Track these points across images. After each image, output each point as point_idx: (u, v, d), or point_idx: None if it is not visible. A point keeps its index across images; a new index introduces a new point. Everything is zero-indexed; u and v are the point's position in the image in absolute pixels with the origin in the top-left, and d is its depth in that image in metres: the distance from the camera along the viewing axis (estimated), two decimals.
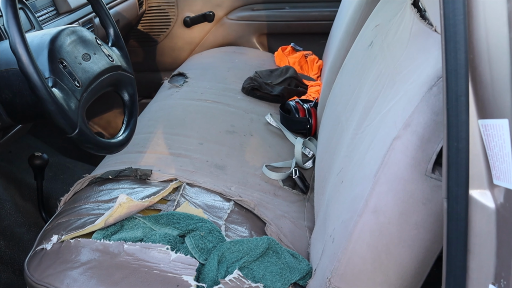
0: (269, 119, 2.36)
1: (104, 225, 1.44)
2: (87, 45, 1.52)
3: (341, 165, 1.46)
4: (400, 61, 1.29)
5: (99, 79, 1.50)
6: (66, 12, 2.27)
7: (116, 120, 3.25)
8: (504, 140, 0.84)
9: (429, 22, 1.22)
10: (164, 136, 2.09)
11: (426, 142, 1.08)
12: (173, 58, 3.51)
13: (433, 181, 1.10)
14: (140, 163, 1.87)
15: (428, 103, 1.08)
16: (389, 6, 1.73)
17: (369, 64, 1.57)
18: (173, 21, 3.45)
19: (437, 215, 1.12)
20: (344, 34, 2.36)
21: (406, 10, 1.42)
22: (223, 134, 2.17)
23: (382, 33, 1.59)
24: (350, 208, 1.24)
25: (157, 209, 1.59)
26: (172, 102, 2.46)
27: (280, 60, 3.14)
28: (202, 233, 1.44)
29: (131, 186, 1.70)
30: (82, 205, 1.62)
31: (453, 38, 0.87)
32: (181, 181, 1.74)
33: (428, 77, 1.09)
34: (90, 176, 1.78)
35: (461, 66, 0.86)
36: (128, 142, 1.58)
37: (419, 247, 1.15)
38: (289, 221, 1.72)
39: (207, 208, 1.63)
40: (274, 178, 1.94)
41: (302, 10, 3.41)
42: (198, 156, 1.97)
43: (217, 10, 3.45)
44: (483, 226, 0.91)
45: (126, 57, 1.69)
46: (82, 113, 1.39)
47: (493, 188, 0.89)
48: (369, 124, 1.34)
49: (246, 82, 2.67)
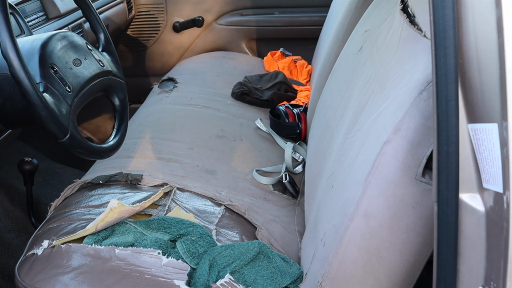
0: (259, 124, 2.36)
1: (95, 230, 1.44)
2: (77, 50, 1.52)
3: (332, 170, 1.46)
4: (390, 66, 1.30)
5: (90, 84, 1.50)
6: (55, 17, 2.27)
7: (105, 125, 3.25)
8: (493, 144, 0.85)
9: (419, 27, 1.23)
10: (154, 141, 2.09)
11: (416, 147, 1.09)
12: (163, 63, 3.51)
13: (423, 185, 1.11)
14: (131, 168, 1.87)
15: (418, 108, 1.08)
16: (378, 11, 1.74)
17: (359, 69, 1.58)
18: (163, 26, 3.46)
19: (427, 218, 1.13)
20: (333, 39, 2.37)
21: (396, 15, 1.43)
22: (213, 139, 2.17)
23: (371, 38, 1.61)
24: (341, 212, 1.25)
25: (148, 214, 1.59)
26: (162, 107, 2.46)
27: (269, 65, 3.15)
28: (193, 237, 1.45)
29: (121, 191, 1.70)
30: (72, 210, 1.62)
31: (443, 43, 0.87)
32: (172, 186, 1.74)
33: (418, 82, 1.10)
34: (81, 181, 1.78)
35: (451, 71, 0.87)
36: (119, 147, 1.58)
37: (409, 251, 1.16)
38: (280, 226, 1.72)
39: (198, 212, 1.63)
40: (264, 182, 1.94)
41: (291, 15, 3.42)
42: (189, 161, 1.98)
43: (207, 15, 3.45)
44: (473, 229, 0.92)
45: (117, 62, 1.69)
46: (73, 118, 1.39)
47: (483, 192, 0.90)
48: (359, 128, 1.35)
49: (235, 87, 2.67)
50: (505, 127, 0.81)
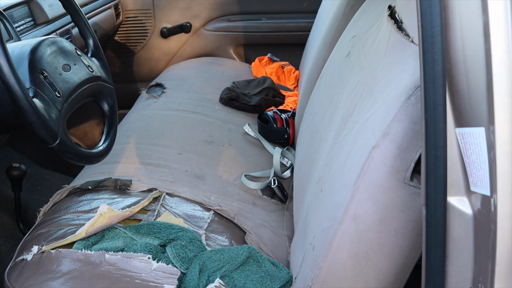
0: (247, 129, 2.37)
1: (85, 235, 1.44)
2: (67, 55, 1.52)
3: (320, 174, 1.47)
4: (378, 71, 1.31)
5: (79, 90, 1.50)
6: (43, 23, 2.27)
7: (93, 131, 3.24)
8: (480, 147, 0.86)
9: (406, 33, 1.25)
10: (143, 147, 2.09)
11: (404, 151, 1.10)
12: (150, 69, 3.52)
13: (411, 188, 1.12)
14: (120, 174, 1.87)
15: (406, 112, 1.10)
16: (365, 17, 1.75)
17: (347, 74, 1.59)
18: (150, 32, 3.46)
19: (415, 222, 1.14)
20: (321, 45, 2.38)
21: (383, 21, 1.44)
22: (202, 144, 2.18)
23: (359, 44, 1.62)
24: (330, 216, 1.25)
25: (137, 219, 1.59)
26: (150, 112, 2.46)
27: (257, 70, 3.16)
28: (183, 242, 1.45)
29: (111, 196, 1.70)
30: (62, 216, 1.62)
31: (431, 49, 0.89)
32: (161, 191, 1.74)
33: (406, 87, 1.11)
34: (70, 187, 1.78)
35: (439, 76, 0.89)
36: (109, 152, 1.58)
37: (398, 254, 1.17)
38: (269, 230, 1.73)
39: (187, 217, 1.64)
40: (253, 187, 1.95)
41: (278, 21, 3.44)
42: (177, 166, 1.98)
43: (194, 21, 3.46)
44: (461, 232, 0.93)
45: (106, 68, 1.69)
46: (63, 123, 1.39)
47: (471, 195, 0.92)
48: (347, 133, 1.36)
49: (223, 93, 2.68)
50: (492, 131, 0.83)
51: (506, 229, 0.84)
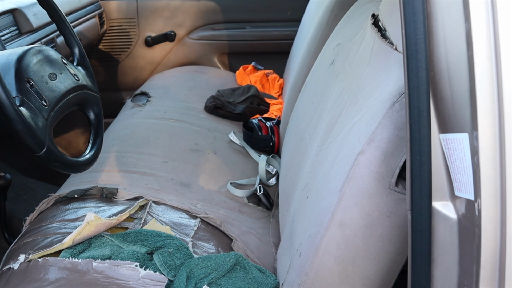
0: (232, 137, 2.38)
1: (72, 244, 1.44)
2: (53, 64, 1.53)
3: (306, 181, 1.48)
4: (362, 79, 1.33)
5: (65, 98, 1.50)
6: (28, 32, 2.27)
7: (77, 140, 3.23)
8: (464, 153, 0.88)
9: (390, 41, 1.26)
10: (129, 155, 2.10)
11: (389, 157, 1.12)
12: (135, 78, 3.52)
13: (397, 194, 1.13)
14: (106, 182, 1.87)
15: (391, 119, 1.11)
16: (349, 25, 1.77)
17: (331, 82, 1.60)
18: (135, 40, 3.46)
19: (401, 227, 1.15)
20: (305, 53, 2.40)
21: (367, 29, 1.46)
22: (187, 153, 2.18)
23: (343, 52, 1.63)
24: (316, 222, 1.26)
25: (124, 227, 1.59)
26: (136, 121, 2.47)
27: (241, 79, 3.17)
28: (170, 250, 1.45)
29: (97, 204, 1.70)
30: (48, 225, 1.61)
31: (415, 56, 0.90)
32: (147, 199, 1.74)
33: (390, 94, 1.13)
34: (56, 195, 1.77)
35: (423, 83, 0.90)
36: (95, 160, 1.59)
37: (384, 259, 1.18)
38: (255, 237, 1.74)
39: (173, 225, 1.64)
40: (239, 195, 1.96)
41: (262, 29, 3.46)
42: (163, 174, 1.98)
43: (178, 29, 3.47)
44: (446, 236, 0.95)
45: (91, 76, 1.69)
46: (49, 132, 1.40)
47: (455, 200, 0.93)
48: (333, 140, 1.37)
49: (208, 101, 2.69)
50: (476, 137, 0.84)
51: (490, 233, 0.85)
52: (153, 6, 3.43)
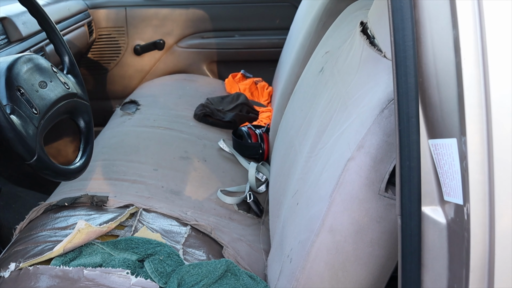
0: (222, 145, 2.39)
1: (63, 251, 1.44)
2: (43, 72, 1.53)
3: (296, 187, 1.49)
4: (351, 86, 1.34)
5: (56, 106, 1.51)
6: (17, 41, 2.27)
7: (66, 149, 3.23)
8: (453, 158, 0.89)
9: (379, 48, 1.28)
10: (119, 163, 2.10)
11: (379, 163, 1.13)
12: (124, 86, 3.52)
13: (386, 199, 1.14)
14: (96, 190, 1.87)
15: (380, 125, 1.12)
16: (338, 33, 1.79)
17: (321, 89, 1.61)
18: (124, 49, 3.47)
19: (391, 232, 1.16)
20: (294, 61, 2.41)
21: (356, 37, 1.47)
22: (177, 160, 2.19)
23: (332, 59, 1.65)
24: (306, 228, 1.27)
25: (115, 235, 1.59)
26: (125, 129, 2.47)
27: (230, 87, 3.18)
28: (161, 257, 1.46)
29: (87, 212, 1.70)
30: (38, 233, 1.61)
31: (403, 63, 0.91)
32: (138, 206, 1.74)
33: (379, 100, 1.14)
34: (46, 204, 1.77)
35: (412, 89, 0.91)
36: (85, 168, 1.59)
37: (374, 264, 1.19)
38: (246, 244, 1.74)
39: (164, 233, 1.64)
40: (229, 202, 1.96)
41: (251, 38, 3.47)
42: (153, 182, 1.99)
43: (167, 38, 3.48)
44: (436, 240, 0.96)
45: (81, 85, 1.70)
46: (40, 140, 1.40)
47: (444, 204, 0.94)
48: (322, 147, 1.38)
49: (198, 109, 2.70)
50: (464, 142, 0.85)
51: (479, 237, 0.86)
52: (142, 14, 3.44)
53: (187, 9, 3.46)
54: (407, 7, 0.91)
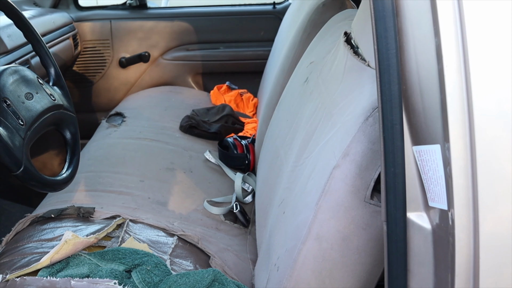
0: (208, 156, 2.39)
1: (50, 263, 1.44)
2: (29, 84, 1.53)
3: (282, 197, 1.50)
4: (336, 95, 1.35)
5: (42, 118, 1.51)
6: (2, 53, 2.26)
7: (52, 162, 3.22)
8: (437, 164, 0.90)
9: (362, 57, 1.29)
10: (105, 175, 2.10)
11: (364, 170, 1.14)
12: (109, 99, 3.52)
13: (372, 207, 1.15)
14: (82, 202, 1.87)
15: (365, 133, 1.13)
16: (322, 44, 1.80)
17: (306, 99, 1.63)
18: (109, 61, 3.47)
19: (377, 239, 1.17)
20: (279, 72, 2.43)
21: (340, 47, 1.49)
22: (163, 171, 2.19)
23: (317, 69, 1.66)
24: (293, 236, 1.28)
25: (102, 246, 1.59)
26: (111, 141, 2.47)
27: (216, 98, 3.19)
28: (148, 267, 1.46)
29: (74, 224, 1.70)
30: (25, 245, 1.61)
31: (387, 70, 0.93)
32: (124, 217, 1.74)
33: (364, 108, 1.15)
34: (32, 216, 1.77)
35: (395, 97, 0.93)
36: (72, 179, 1.59)
37: (360, 271, 1.20)
38: (233, 254, 1.74)
39: (151, 243, 1.64)
40: (216, 212, 1.97)
41: (236, 49, 3.49)
42: (140, 193, 1.99)
43: (152, 50, 3.49)
44: (421, 246, 0.97)
45: (67, 96, 1.70)
46: (26, 151, 1.40)
47: (429, 210, 0.95)
48: (308, 156, 1.39)
49: (183, 121, 2.70)
50: (447, 148, 0.87)
51: (463, 241, 0.88)
52: (127, 27, 3.45)
53: (172, 21, 3.48)
54: (390, 16, 0.92)
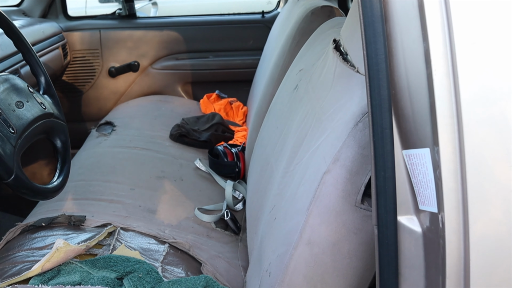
0: (198, 164, 2.40)
1: (41, 271, 1.43)
2: (19, 92, 1.53)
3: (273, 203, 1.50)
4: (326, 101, 1.36)
5: (33, 126, 1.51)
6: None
7: (42, 172, 3.21)
8: (426, 167, 0.91)
9: (351, 64, 1.30)
10: (95, 183, 2.10)
11: (354, 175, 1.15)
12: (99, 108, 3.52)
13: (362, 211, 1.16)
14: (73, 210, 1.87)
15: (355, 138, 1.14)
16: (311, 51, 1.81)
17: (295, 106, 1.63)
18: (98, 71, 3.47)
19: (368, 244, 1.18)
20: (268, 80, 2.44)
21: (329, 54, 1.50)
22: (154, 180, 2.19)
23: (306, 76, 1.67)
24: (285, 241, 1.28)
25: (93, 254, 1.59)
26: (101, 150, 2.47)
27: (205, 107, 3.20)
28: (140, 274, 1.46)
29: (65, 232, 1.70)
30: (16, 253, 1.60)
31: (376, 75, 0.94)
32: (115, 225, 1.74)
33: (354, 114, 1.16)
34: (22, 224, 1.76)
35: (385, 101, 0.93)
36: (63, 187, 1.59)
37: (352, 276, 1.20)
38: (224, 261, 1.75)
39: (142, 251, 1.64)
40: (206, 220, 1.97)
41: (225, 58, 3.51)
42: (131, 201, 1.99)
43: (142, 60, 3.50)
44: (412, 249, 0.97)
45: (58, 105, 1.70)
46: (17, 159, 1.40)
47: (419, 213, 0.96)
48: (298, 162, 1.40)
49: (173, 129, 2.71)
50: (437, 151, 0.88)
51: (454, 243, 0.88)
52: (116, 36, 3.45)
53: (161, 31, 3.49)
54: (379, 22, 0.93)
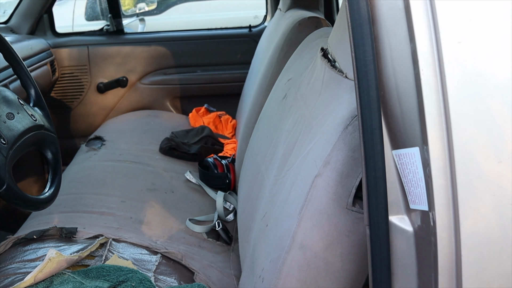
0: (188, 176, 2.40)
1: (34, 281, 1.43)
2: (10, 104, 1.54)
3: (265, 210, 1.51)
4: (315, 107, 1.37)
5: (24, 137, 1.51)
6: None
7: (31, 189, 3.20)
8: (416, 166, 0.93)
9: (340, 70, 1.31)
10: (86, 196, 2.10)
11: (345, 177, 1.16)
12: (88, 124, 3.52)
13: (354, 213, 1.17)
14: (64, 223, 1.87)
15: (345, 141, 1.15)
16: (299, 61, 1.83)
17: (285, 114, 1.65)
18: (87, 87, 3.48)
19: (360, 246, 1.18)
20: (257, 91, 2.45)
21: (317, 61, 1.51)
22: (145, 192, 2.20)
23: (295, 85, 1.68)
24: (277, 246, 1.29)
25: (85, 265, 1.59)
26: (91, 164, 2.47)
27: (195, 121, 3.21)
28: (133, 283, 1.46)
29: (56, 244, 1.70)
30: (7, 266, 1.60)
31: (365, 77, 0.95)
32: (107, 237, 1.75)
33: (343, 117, 1.17)
34: (14, 237, 1.76)
35: (374, 102, 0.95)
36: (55, 198, 1.58)
37: (345, 278, 1.21)
38: (216, 270, 1.75)
39: (135, 261, 1.64)
40: (198, 231, 1.97)
41: (213, 72, 3.52)
42: (122, 213, 1.99)
43: (130, 75, 3.51)
44: (404, 248, 0.98)
45: (48, 117, 1.71)
46: (9, 169, 1.40)
47: (410, 213, 0.97)
48: (289, 168, 1.40)
49: (163, 143, 2.71)
50: (426, 150, 0.89)
51: (445, 240, 0.90)
52: (104, 52, 3.46)
53: (149, 46, 3.50)
54: (366, 24, 0.95)
